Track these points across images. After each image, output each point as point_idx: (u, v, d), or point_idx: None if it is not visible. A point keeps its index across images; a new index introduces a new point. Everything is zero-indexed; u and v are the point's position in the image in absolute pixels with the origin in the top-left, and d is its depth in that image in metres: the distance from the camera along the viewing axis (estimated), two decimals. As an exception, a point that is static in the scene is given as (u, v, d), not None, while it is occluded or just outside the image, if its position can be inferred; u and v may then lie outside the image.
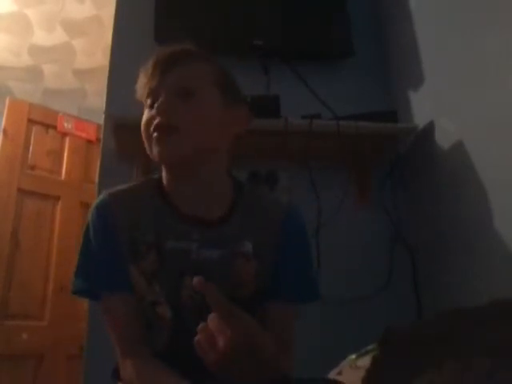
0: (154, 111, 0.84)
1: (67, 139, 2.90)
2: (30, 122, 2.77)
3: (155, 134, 0.84)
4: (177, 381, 0.76)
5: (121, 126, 1.48)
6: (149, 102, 0.88)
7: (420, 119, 1.65)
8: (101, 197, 0.91)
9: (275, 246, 0.91)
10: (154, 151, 0.85)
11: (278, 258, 0.91)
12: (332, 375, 1.01)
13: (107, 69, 1.77)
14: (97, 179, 1.65)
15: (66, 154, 2.87)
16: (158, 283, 0.86)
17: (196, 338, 0.65)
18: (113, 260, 0.87)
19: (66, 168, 2.84)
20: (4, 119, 2.69)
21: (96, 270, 0.87)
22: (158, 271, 0.86)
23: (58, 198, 2.74)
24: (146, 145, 0.87)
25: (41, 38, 3.07)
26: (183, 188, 0.90)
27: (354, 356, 1.02)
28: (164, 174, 0.92)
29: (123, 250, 0.87)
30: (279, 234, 0.92)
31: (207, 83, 0.89)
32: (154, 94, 0.87)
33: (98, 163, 1.68)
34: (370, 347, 0.98)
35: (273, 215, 0.94)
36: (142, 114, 0.94)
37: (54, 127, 2.86)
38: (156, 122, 0.84)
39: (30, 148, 2.74)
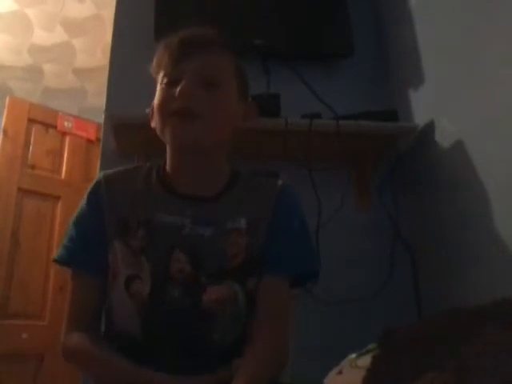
0: (175, 92, 0.84)
1: (67, 139, 2.90)
2: (30, 121, 2.77)
3: (176, 117, 0.84)
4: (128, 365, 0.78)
5: (121, 126, 1.48)
6: (166, 80, 0.87)
7: (420, 119, 1.65)
8: (97, 177, 0.95)
9: (268, 219, 0.92)
10: (170, 133, 0.86)
11: (269, 231, 0.91)
12: (332, 375, 1.02)
13: (107, 68, 1.77)
14: (97, 179, 1.65)
15: (66, 154, 2.87)
16: (146, 257, 0.85)
17: None
18: (90, 241, 0.89)
19: (66, 168, 2.84)
20: (4, 118, 2.69)
21: (72, 246, 0.90)
22: (147, 245, 0.86)
23: (58, 198, 2.74)
24: (160, 124, 0.88)
25: (41, 37, 3.07)
26: (186, 171, 0.91)
27: (354, 355, 1.02)
28: (169, 156, 0.93)
29: (107, 232, 0.88)
30: (272, 207, 0.93)
31: (230, 75, 0.90)
32: (175, 74, 0.87)
33: (98, 163, 1.68)
34: (370, 347, 0.98)
35: (267, 191, 0.96)
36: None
37: (54, 127, 2.86)
38: (179, 105, 0.84)
39: (30, 147, 2.74)
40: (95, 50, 3.12)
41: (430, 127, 1.58)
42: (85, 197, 0.93)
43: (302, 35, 1.84)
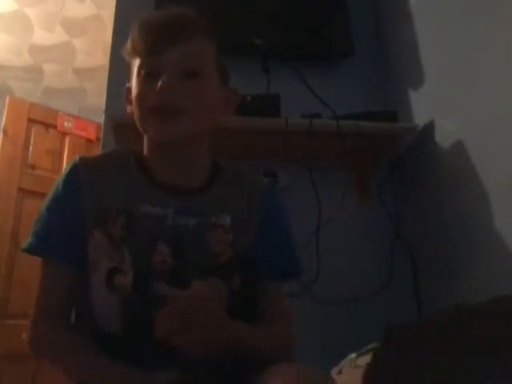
0: (155, 86, 0.81)
1: (67, 138, 2.90)
2: (30, 121, 2.77)
3: (158, 114, 0.82)
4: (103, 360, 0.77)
5: (121, 126, 1.48)
6: (144, 71, 0.84)
7: (420, 119, 1.65)
8: (72, 162, 0.89)
9: (256, 218, 0.91)
10: (152, 130, 0.84)
11: (258, 230, 0.91)
12: (332, 374, 1.02)
13: (107, 68, 1.77)
14: (97, 179, 1.65)
15: (66, 154, 2.87)
16: (127, 248, 0.82)
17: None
18: (65, 228, 0.84)
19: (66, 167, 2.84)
20: (4, 118, 2.69)
21: (45, 234, 0.85)
22: (127, 235, 0.82)
23: (58, 198, 2.74)
24: (140, 118, 0.85)
25: (41, 37, 3.07)
26: (166, 163, 0.88)
27: (354, 355, 1.02)
28: (148, 147, 0.90)
29: (84, 218, 0.84)
30: (260, 206, 0.92)
31: (211, 63, 0.88)
32: (153, 65, 0.83)
33: (98, 163, 1.68)
34: (370, 346, 0.99)
35: (253, 188, 0.94)
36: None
37: (54, 126, 2.86)
38: (160, 100, 0.81)
39: (30, 147, 2.74)
40: (95, 50, 3.12)
41: (429, 127, 1.58)
42: (60, 181, 0.88)
43: (302, 35, 1.84)
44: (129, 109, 0.91)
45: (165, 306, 0.70)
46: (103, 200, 0.84)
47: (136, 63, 0.86)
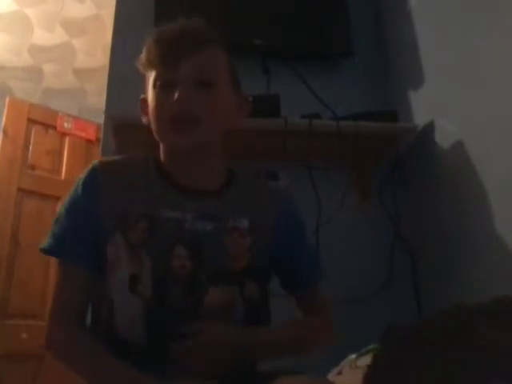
0: (172, 98, 0.83)
1: (67, 139, 2.90)
2: (30, 121, 2.77)
3: (175, 125, 0.84)
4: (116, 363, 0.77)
5: (121, 126, 1.48)
6: (159, 83, 0.86)
7: (420, 119, 1.65)
8: (91, 164, 0.91)
9: (273, 224, 0.94)
10: (170, 140, 0.88)
11: (276, 236, 0.94)
12: (332, 375, 1.02)
13: (107, 68, 1.77)
14: (97, 179, 1.65)
15: (65, 154, 2.87)
16: (146, 251, 0.83)
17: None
18: (82, 231, 0.86)
19: (66, 168, 2.84)
20: (4, 119, 2.69)
21: (64, 235, 0.86)
22: (147, 240, 0.83)
23: (57, 198, 2.73)
24: (157, 130, 0.88)
25: (41, 37, 3.07)
26: (184, 166, 0.91)
27: (354, 356, 1.02)
28: (165, 153, 0.92)
29: (102, 221, 0.85)
30: (278, 212, 0.95)
31: (224, 72, 0.90)
32: (169, 77, 0.86)
33: (98, 163, 1.68)
34: (370, 347, 0.99)
35: (270, 195, 0.99)
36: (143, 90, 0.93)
37: (54, 127, 2.86)
38: (177, 110, 0.84)
39: (30, 148, 2.74)
40: (95, 50, 3.12)
41: (429, 127, 1.58)
42: (80, 184, 0.88)
43: (302, 35, 1.84)
44: (144, 120, 0.93)
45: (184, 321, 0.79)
46: (123, 203, 0.86)
47: (151, 75, 0.89)
